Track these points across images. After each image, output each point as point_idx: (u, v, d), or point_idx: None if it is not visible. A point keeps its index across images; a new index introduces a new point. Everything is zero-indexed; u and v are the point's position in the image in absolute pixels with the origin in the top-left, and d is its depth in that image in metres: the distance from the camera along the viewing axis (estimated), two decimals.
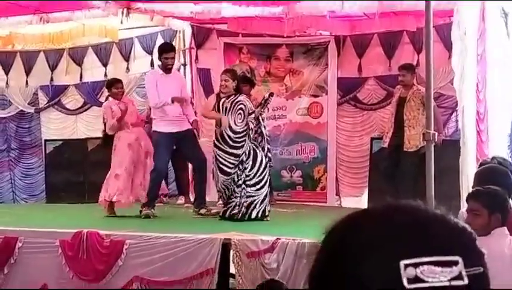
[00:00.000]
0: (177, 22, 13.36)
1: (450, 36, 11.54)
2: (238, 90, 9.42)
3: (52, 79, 15.12)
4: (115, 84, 10.51)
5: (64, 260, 7.98)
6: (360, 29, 12.71)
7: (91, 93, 14.64)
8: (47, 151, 14.40)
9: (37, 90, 15.26)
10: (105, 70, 14.51)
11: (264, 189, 9.20)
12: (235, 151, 9.14)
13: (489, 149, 8.58)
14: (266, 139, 9.99)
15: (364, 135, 12.75)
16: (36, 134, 15.40)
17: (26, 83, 15.27)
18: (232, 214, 9.18)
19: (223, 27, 13.45)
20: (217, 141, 9.33)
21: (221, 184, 9.29)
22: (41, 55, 15.10)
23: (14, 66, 15.28)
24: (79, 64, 14.88)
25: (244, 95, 9.42)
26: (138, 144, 10.08)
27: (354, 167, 12.92)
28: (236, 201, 9.11)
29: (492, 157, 6.66)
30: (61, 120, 15.24)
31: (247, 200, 9.09)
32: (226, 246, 7.50)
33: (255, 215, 9.13)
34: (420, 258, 1.10)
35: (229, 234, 7.75)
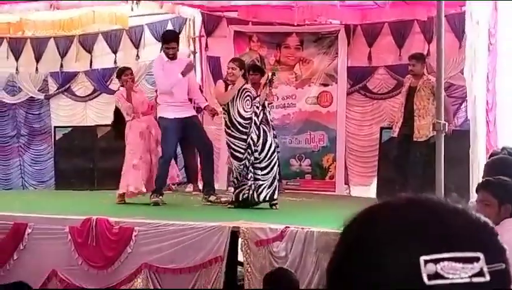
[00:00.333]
0: (187, 9, 13.36)
1: (461, 26, 11.54)
2: (245, 78, 9.42)
3: (62, 66, 15.14)
4: (124, 71, 10.49)
5: (74, 246, 8.00)
6: (370, 18, 12.68)
7: (101, 80, 14.66)
8: (56, 138, 14.40)
9: (47, 76, 15.27)
10: (115, 57, 14.52)
11: (272, 173, 9.22)
12: (245, 137, 9.16)
13: (497, 139, 8.57)
14: (271, 125, 10.00)
15: (374, 124, 12.73)
16: (46, 121, 15.43)
17: (36, 70, 15.28)
18: (242, 198, 9.20)
19: (233, 15, 13.44)
20: (227, 128, 9.34)
21: (235, 169, 9.32)
22: (52, 42, 15.11)
23: (24, 53, 15.30)
24: (89, 51, 14.89)
25: (249, 84, 9.45)
26: (149, 132, 10.07)
27: (363, 156, 12.92)
28: (247, 185, 9.14)
29: (503, 148, 6.66)
30: (70, 107, 15.26)
31: (256, 183, 9.11)
32: (235, 234, 7.51)
33: (263, 198, 9.14)
34: (440, 254, 1.08)
35: (238, 222, 7.76)
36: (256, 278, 7.29)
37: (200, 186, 10.90)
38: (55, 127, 14.78)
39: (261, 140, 9.17)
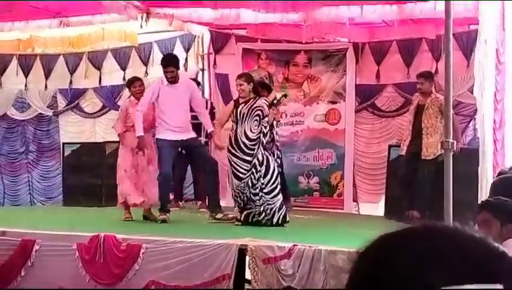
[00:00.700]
0: (196, 26, 13.40)
1: (468, 44, 11.57)
2: (256, 93, 9.41)
3: (71, 82, 15.21)
4: (133, 82, 10.47)
5: (81, 263, 8.00)
6: (378, 36, 12.71)
7: (109, 97, 14.71)
8: (65, 154, 14.45)
9: (56, 93, 15.35)
10: (124, 74, 14.55)
11: (279, 196, 9.21)
12: (249, 158, 9.14)
13: (505, 158, 8.54)
14: (276, 145, 9.99)
15: (382, 142, 12.73)
16: (54, 137, 15.48)
17: (45, 86, 15.36)
18: (253, 220, 9.19)
19: (242, 32, 13.49)
20: (231, 147, 9.33)
21: (235, 188, 9.31)
22: (61, 59, 15.18)
23: (34, 69, 15.38)
24: (98, 68, 14.96)
25: (263, 99, 9.41)
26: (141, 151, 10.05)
27: (371, 173, 12.91)
28: (258, 208, 9.11)
29: (510, 167, 6.64)
30: (79, 123, 15.32)
31: (268, 207, 9.11)
32: (242, 251, 7.50)
33: (276, 221, 9.14)
34: (460, 286, 1.07)
35: (245, 239, 7.75)
36: None
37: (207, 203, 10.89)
38: (64, 143, 14.82)
39: (265, 164, 9.15)
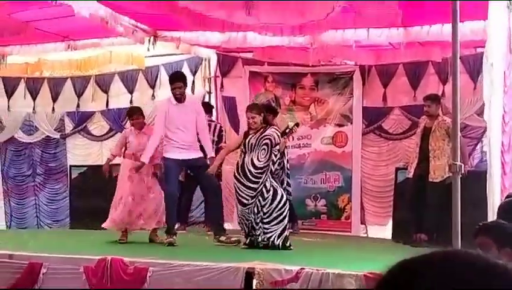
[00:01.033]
0: (203, 49, 13.47)
1: (475, 67, 11.58)
2: (266, 121, 9.43)
3: (78, 105, 15.26)
4: (131, 115, 10.54)
5: (88, 286, 7.98)
6: (385, 59, 12.74)
7: (117, 119, 14.74)
8: (72, 177, 14.46)
9: (63, 116, 15.40)
10: (131, 97, 14.61)
11: (282, 223, 9.17)
12: (254, 185, 9.14)
13: None
14: (287, 173, 9.98)
15: (390, 164, 12.72)
16: (62, 160, 15.51)
17: (53, 109, 15.42)
18: (255, 243, 9.18)
19: (249, 55, 13.53)
20: (237, 173, 9.33)
21: (240, 213, 9.32)
22: (69, 82, 15.26)
23: (42, 93, 15.45)
24: (105, 91, 15.01)
25: (273, 127, 9.41)
26: (140, 179, 10.03)
27: (379, 196, 12.89)
28: (257, 236, 9.13)
29: None
30: (86, 146, 15.35)
31: (265, 236, 9.11)
32: (250, 275, 7.47)
33: (276, 246, 9.13)
34: None
35: (253, 263, 7.73)
36: None
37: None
38: (71, 166, 14.85)
39: (271, 191, 9.14)
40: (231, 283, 7.41)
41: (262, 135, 9.21)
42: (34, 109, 15.56)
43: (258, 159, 9.14)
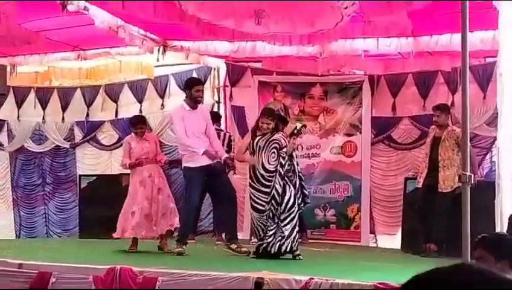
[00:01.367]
0: (212, 59, 13.50)
1: (485, 77, 11.57)
2: (276, 128, 9.43)
3: (88, 115, 15.31)
4: (135, 124, 10.57)
5: None
6: (394, 69, 12.75)
7: (126, 129, 14.70)
8: (81, 186, 14.48)
9: (73, 125, 15.45)
10: (141, 106, 14.65)
11: (289, 225, 9.14)
12: (267, 190, 9.14)
13: None
14: (299, 175, 9.95)
15: (399, 174, 12.70)
16: (71, 169, 15.55)
17: (63, 119, 15.47)
18: (264, 250, 9.15)
19: (258, 65, 13.55)
20: (250, 179, 9.34)
21: (256, 222, 9.29)
22: (78, 92, 15.32)
23: (51, 102, 15.52)
24: (115, 100, 15.06)
25: (280, 133, 9.41)
26: (151, 181, 10.09)
27: (388, 205, 12.88)
28: (272, 238, 9.09)
29: None
30: (96, 155, 15.39)
31: (279, 235, 9.08)
32: (259, 284, 7.46)
33: (284, 250, 9.09)
34: None
35: (262, 272, 7.71)
36: None
37: (223, 236, 10.87)
38: (80, 175, 14.88)
39: (281, 193, 9.13)
40: None
41: (271, 139, 9.22)
42: (43, 118, 15.62)
43: (268, 162, 9.15)
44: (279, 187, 9.09)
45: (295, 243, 9.18)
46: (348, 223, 13.07)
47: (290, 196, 9.17)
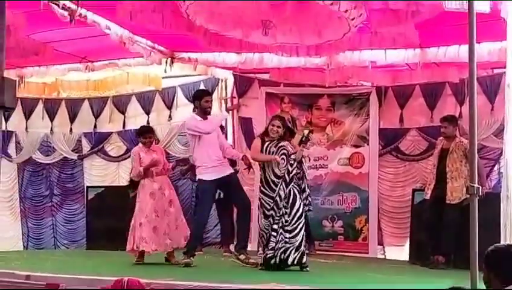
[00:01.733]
0: (220, 70, 13.52)
1: (492, 88, 11.55)
2: (283, 136, 9.43)
3: (95, 126, 15.34)
4: (143, 134, 10.50)
5: None
6: (401, 80, 12.74)
7: (134, 140, 14.71)
8: (89, 198, 14.49)
9: (81, 137, 15.48)
10: (148, 118, 14.67)
11: (298, 236, 9.11)
12: (273, 195, 9.12)
13: None
14: (307, 184, 9.94)
15: (407, 185, 12.69)
16: (79, 180, 15.57)
17: (70, 130, 15.52)
18: (270, 261, 9.11)
19: (265, 76, 13.55)
20: (261, 185, 9.32)
21: (263, 228, 9.26)
22: (86, 103, 15.36)
23: (59, 113, 15.56)
24: (122, 112, 15.08)
25: (286, 141, 9.41)
26: (161, 193, 10.04)
27: (396, 217, 12.85)
28: (273, 246, 9.05)
29: None
30: (103, 167, 15.40)
31: (284, 246, 9.03)
32: None
33: (291, 262, 9.05)
34: None
35: (270, 284, 7.69)
36: None
37: (231, 247, 10.84)
38: (88, 186, 14.89)
39: (290, 201, 9.10)
40: None
41: (280, 145, 9.22)
42: (51, 129, 15.67)
43: (278, 168, 9.14)
44: (283, 193, 9.06)
45: (303, 255, 9.15)
46: (356, 234, 13.04)
47: (300, 206, 9.15)
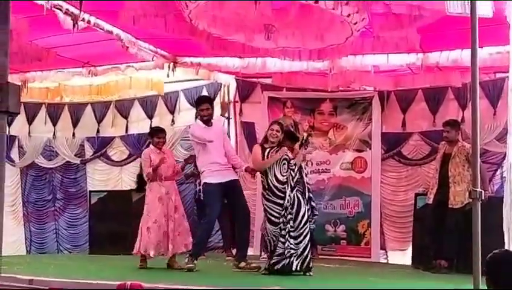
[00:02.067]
0: (222, 75, 13.52)
1: (495, 92, 11.55)
2: (282, 142, 9.43)
3: (98, 131, 15.36)
4: (157, 133, 10.47)
5: None
6: (404, 85, 12.74)
7: (136, 145, 14.79)
8: (92, 202, 14.50)
9: (84, 141, 15.50)
10: (151, 122, 14.68)
11: (303, 243, 9.09)
12: (281, 201, 9.11)
13: None
14: (307, 187, 9.92)
15: (409, 190, 12.70)
16: (81, 185, 15.58)
17: (73, 135, 15.54)
18: (276, 266, 9.11)
19: (267, 81, 13.56)
20: (264, 191, 9.31)
21: (270, 235, 9.23)
22: (89, 108, 15.38)
23: (62, 118, 15.59)
24: (125, 116, 15.11)
25: (285, 147, 9.41)
26: (168, 198, 10.03)
27: (398, 221, 12.86)
28: (280, 252, 9.05)
29: None
30: (106, 171, 15.42)
31: (290, 252, 9.02)
32: None
33: (295, 267, 9.03)
34: None
35: (273, 289, 7.70)
36: None
37: (233, 252, 10.83)
38: (91, 191, 14.90)
39: (295, 208, 9.10)
40: None
41: (280, 151, 9.22)
42: (54, 134, 15.69)
43: (280, 173, 9.13)
44: (290, 199, 9.06)
45: (308, 261, 9.14)
46: (359, 239, 13.04)
47: (305, 211, 9.14)
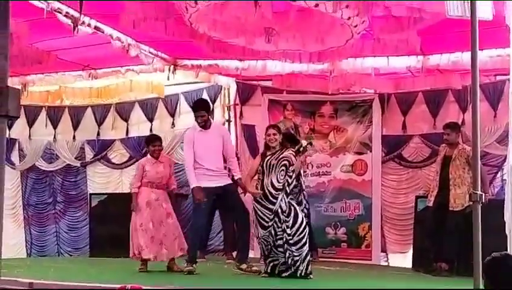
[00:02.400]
0: (223, 78, 13.52)
1: (495, 95, 11.54)
2: (282, 144, 9.41)
3: (98, 134, 15.35)
4: (153, 141, 10.40)
5: None
6: (404, 87, 12.73)
7: (136, 147, 14.79)
8: (92, 205, 14.49)
9: (84, 144, 15.49)
10: (151, 125, 14.68)
11: (305, 247, 9.09)
12: (271, 207, 9.09)
13: None
14: (303, 194, 9.91)
15: (410, 192, 12.69)
16: (82, 187, 15.58)
17: (74, 138, 15.54)
18: (275, 269, 9.10)
19: (268, 84, 13.55)
20: (259, 197, 9.28)
21: (260, 237, 9.24)
22: (89, 110, 15.38)
23: (62, 121, 15.58)
24: (125, 119, 15.10)
25: (290, 150, 9.38)
26: (159, 205, 9.99)
27: (399, 224, 12.85)
28: (282, 259, 9.02)
29: None
30: (106, 174, 15.41)
31: (293, 259, 9.00)
32: None
33: (299, 274, 9.02)
34: None
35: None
36: None
37: (234, 254, 10.83)
38: (91, 194, 14.89)
39: (291, 214, 9.07)
40: None
41: (282, 157, 9.19)
42: (54, 137, 15.69)
43: (277, 180, 9.11)
44: (284, 205, 9.02)
45: (308, 266, 9.12)
46: (359, 241, 13.03)
47: (303, 218, 9.13)
